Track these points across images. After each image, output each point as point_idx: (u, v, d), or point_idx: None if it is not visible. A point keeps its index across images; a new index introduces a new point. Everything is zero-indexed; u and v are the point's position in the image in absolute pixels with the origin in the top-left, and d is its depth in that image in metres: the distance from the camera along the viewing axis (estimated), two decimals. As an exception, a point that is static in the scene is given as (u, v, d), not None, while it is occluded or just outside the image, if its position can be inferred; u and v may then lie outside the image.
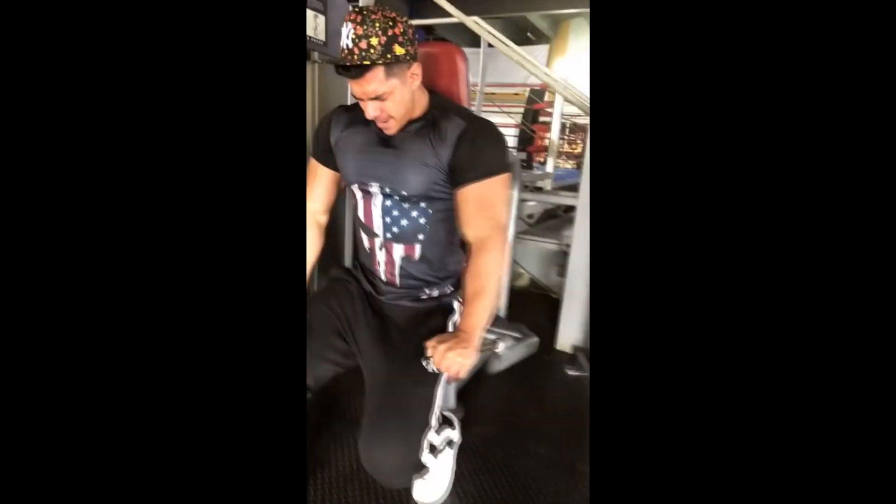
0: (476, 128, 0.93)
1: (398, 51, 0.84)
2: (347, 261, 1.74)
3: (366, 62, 0.82)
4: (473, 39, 6.37)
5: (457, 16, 2.23)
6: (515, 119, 4.80)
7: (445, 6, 2.27)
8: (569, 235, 2.08)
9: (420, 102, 0.95)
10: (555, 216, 2.98)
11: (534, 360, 1.91)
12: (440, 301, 1.09)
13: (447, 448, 1.14)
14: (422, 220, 1.00)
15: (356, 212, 1.06)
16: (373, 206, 1.01)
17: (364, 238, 1.07)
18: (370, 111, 0.89)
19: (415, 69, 0.90)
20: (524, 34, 8.00)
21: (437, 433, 1.00)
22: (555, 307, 2.03)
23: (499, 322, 1.45)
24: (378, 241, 1.03)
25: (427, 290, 1.07)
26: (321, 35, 1.32)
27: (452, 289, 1.11)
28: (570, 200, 1.96)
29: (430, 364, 0.89)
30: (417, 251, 1.02)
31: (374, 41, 0.81)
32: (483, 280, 0.91)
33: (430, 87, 1.01)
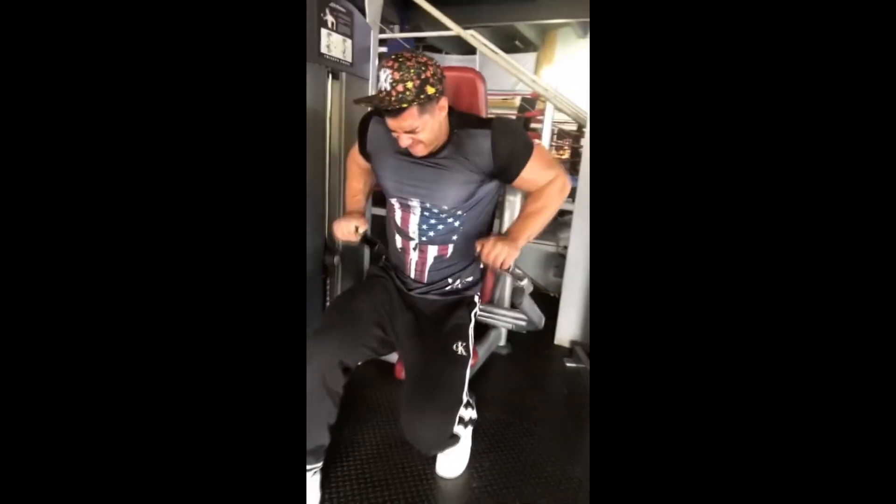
0: (498, 130, 1.08)
1: (430, 91, 0.96)
2: (365, 263, 1.88)
3: (403, 105, 0.94)
4: (462, 47, 6.43)
5: (454, 29, 2.37)
6: (507, 126, 4.95)
7: (442, 19, 2.41)
8: (565, 238, 2.23)
9: (444, 126, 1.09)
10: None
11: (535, 354, 2.06)
12: (463, 294, 1.23)
13: (469, 426, 1.28)
14: (456, 224, 1.14)
15: (393, 217, 1.20)
16: (411, 216, 1.15)
17: (398, 240, 1.20)
18: (404, 142, 1.03)
19: (442, 103, 1.03)
20: (512, 42, 8.19)
21: (465, 408, 1.14)
22: (552, 306, 2.18)
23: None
24: (413, 244, 1.17)
25: (451, 281, 1.21)
26: (349, 57, 1.46)
27: (471, 280, 1.25)
28: (566, 205, 2.11)
29: (460, 347, 1.05)
30: (450, 250, 1.16)
31: (410, 84, 0.94)
32: (543, 201, 1.09)
33: (454, 105, 1.15)
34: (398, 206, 1.17)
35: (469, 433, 1.34)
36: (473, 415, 1.30)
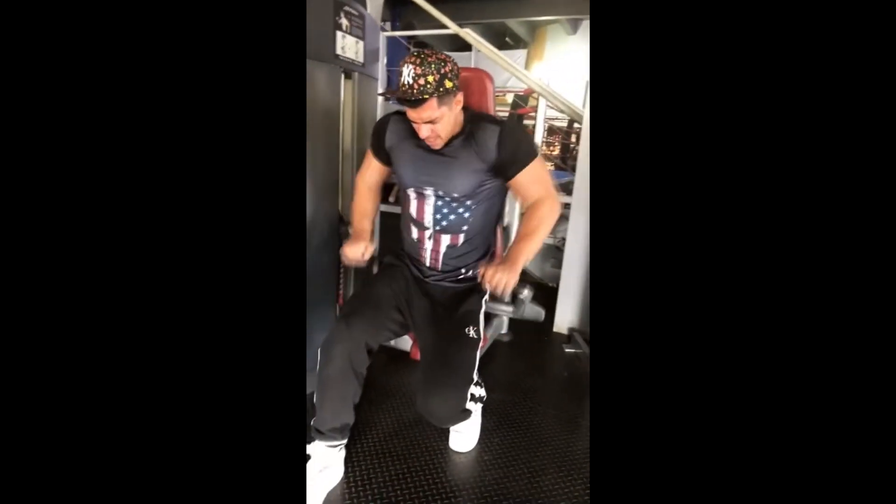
0: (507, 130, 1.17)
1: (448, 85, 1.06)
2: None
3: (424, 96, 1.04)
4: (455, 44, 6.47)
5: (451, 27, 2.45)
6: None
7: (438, 17, 2.49)
8: (562, 230, 2.33)
9: (458, 120, 1.18)
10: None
11: (536, 341, 2.16)
12: (474, 283, 1.32)
13: (479, 403, 1.38)
14: (466, 215, 1.23)
15: (408, 210, 1.28)
16: (425, 206, 1.23)
17: (413, 231, 1.29)
18: (423, 132, 1.12)
19: (459, 97, 1.12)
20: (503, 39, 8.27)
21: (475, 386, 1.24)
22: (550, 295, 2.28)
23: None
24: (428, 233, 1.26)
25: (463, 271, 1.30)
26: (361, 58, 1.54)
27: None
28: (564, 199, 2.21)
29: (472, 331, 1.14)
30: (461, 239, 1.25)
31: (430, 78, 1.04)
32: (536, 223, 1.16)
33: (465, 103, 1.24)
34: (414, 196, 1.26)
35: (479, 410, 1.44)
36: (483, 393, 1.40)
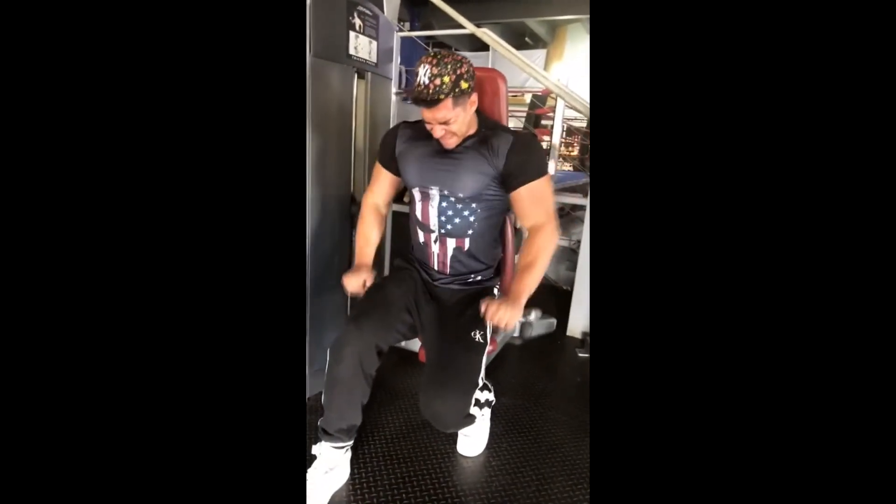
0: (521, 141, 1.16)
1: (463, 85, 1.05)
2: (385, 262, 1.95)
3: (440, 97, 1.03)
4: (473, 44, 6.47)
5: (467, 27, 2.43)
6: (518, 122, 5.03)
7: (455, 16, 2.48)
8: (577, 233, 2.29)
9: (472, 121, 1.17)
10: (563, 215, 3.21)
11: (548, 345, 2.13)
12: (483, 285, 1.30)
13: (486, 408, 1.36)
14: (471, 218, 1.21)
15: (414, 212, 1.27)
16: (430, 207, 1.22)
17: (420, 234, 1.28)
18: (437, 132, 1.11)
19: (473, 98, 1.11)
20: (522, 39, 8.23)
21: (481, 391, 1.22)
22: (565, 299, 2.25)
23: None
24: (434, 236, 1.24)
25: (473, 276, 1.29)
26: (374, 58, 1.53)
27: (493, 275, 1.32)
28: (580, 200, 2.18)
29: (478, 335, 1.12)
30: (467, 244, 1.24)
31: (446, 79, 1.03)
32: (535, 254, 1.14)
33: (478, 103, 1.22)
34: (419, 197, 1.24)
35: (488, 415, 1.42)
36: (491, 398, 1.38)
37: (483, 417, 1.38)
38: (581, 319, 2.20)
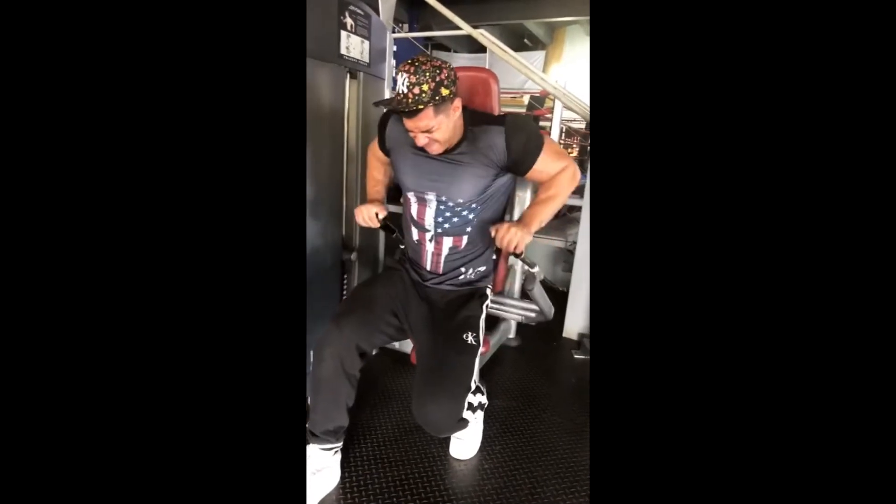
0: (512, 126, 1.13)
1: (444, 92, 1.02)
2: (381, 255, 1.94)
3: (419, 106, 1.00)
4: (472, 45, 6.44)
5: (465, 28, 2.42)
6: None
7: (452, 18, 2.45)
8: (573, 234, 2.28)
9: (458, 125, 1.14)
10: (559, 216, 3.20)
11: (544, 346, 2.12)
12: (475, 286, 1.29)
13: (479, 411, 1.35)
14: (471, 217, 1.19)
15: (409, 212, 1.26)
16: (427, 209, 1.21)
17: (415, 232, 1.26)
18: (420, 140, 1.09)
19: (456, 103, 1.07)
20: (521, 40, 8.22)
21: (474, 394, 1.20)
22: (561, 300, 2.23)
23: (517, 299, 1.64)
24: (429, 235, 1.23)
25: (464, 271, 1.27)
26: (366, 57, 1.52)
27: (483, 269, 1.30)
28: (576, 201, 2.16)
29: (470, 337, 1.11)
30: (464, 241, 1.22)
31: (425, 87, 0.99)
32: (555, 189, 1.15)
33: (468, 103, 1.21)
34: (415, 200, 1.23)
35: (480, 418, 1.40)
36: (484, 400, 1.36)
37: (476, 421, 1.37)
38: (578, 321, 2.19)
